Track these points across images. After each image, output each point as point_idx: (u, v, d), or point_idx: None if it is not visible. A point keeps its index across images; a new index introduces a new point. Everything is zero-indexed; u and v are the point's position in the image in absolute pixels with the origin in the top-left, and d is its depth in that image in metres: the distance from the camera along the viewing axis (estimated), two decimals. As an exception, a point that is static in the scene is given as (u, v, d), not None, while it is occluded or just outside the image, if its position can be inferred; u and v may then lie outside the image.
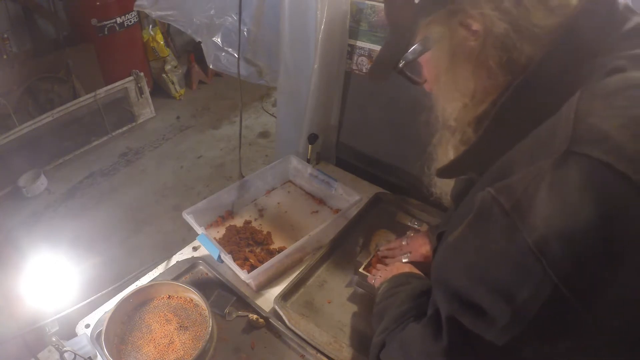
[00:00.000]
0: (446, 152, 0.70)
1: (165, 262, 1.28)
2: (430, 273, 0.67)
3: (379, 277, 1.04)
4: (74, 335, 1.07)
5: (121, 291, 1.15)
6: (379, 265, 1.11)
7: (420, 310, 0.79)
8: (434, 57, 0.66)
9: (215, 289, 1.18)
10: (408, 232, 1.23)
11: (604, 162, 0.45)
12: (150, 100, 3.69)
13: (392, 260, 1.15)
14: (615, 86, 0.51)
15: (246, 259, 1.25)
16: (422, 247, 1.13)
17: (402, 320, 0.79)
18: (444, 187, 0.79)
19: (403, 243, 1.18)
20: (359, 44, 1.50)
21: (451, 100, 0.65)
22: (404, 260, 1.12)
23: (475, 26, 0.58)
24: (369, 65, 0.77)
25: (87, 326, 1.09)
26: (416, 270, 1.01)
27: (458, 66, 0.62)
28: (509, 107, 0.59)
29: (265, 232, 1.39)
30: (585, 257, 0.45)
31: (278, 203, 1.53)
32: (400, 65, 0.71)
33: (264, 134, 3.60)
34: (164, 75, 3.92)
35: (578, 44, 0.56)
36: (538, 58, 0.57)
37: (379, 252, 1.20)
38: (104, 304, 1.13)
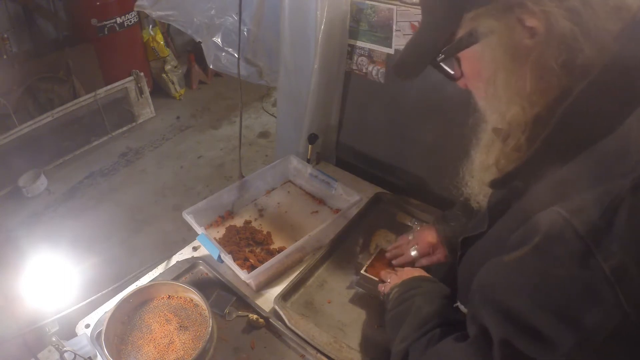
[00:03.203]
0: (490, 155, 0.65)
1: (165, 262, 1.28)
2: (472, 292, 0.64)
3: (388, 282, 1.03)
4: (74, 335, 1.07)
5: (121, 291, 1.15)
6: (384, 272, 1.10)
7: (442, 317, 0.77)
8: (480, 53, 0.61)
9: (215, 289, 1.18)
10: (414, 227, 1.23)
11: None
12: (150, 100, 3.70)
13: (401, 259, 1.15)
14: None
15: (246, 259, 1.25)
16: (427, 236, 1.13)
17: (425, 330, 0.77)
18: (477, 189, 0.74)
19: (410, 238, 1.18)
20: (359, 44, 1.50)
21: (504, 102, 0.60)
22: (412, 253, 1.12)
23: (532, 23, 0.54)
24: (395, 60, 0.70)
25: (87, 326, 1.09)
26: (426, 274, 0.99)
27: (513, 65, 0.57)
28: (572, 115, 0.55)
29: (265, 232, 1.39)
30: None
31: (278, 203, 1.53)
32: (440, 58, 0.65)
33: (264, 134, 3.60)
34: (164, 75, 3.93)
35: None
36: (603, 62, 0.53)
37: (387, 255, 1.19)
38: (104, 304, 1.13)
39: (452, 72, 0.69)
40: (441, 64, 0.67)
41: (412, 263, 1.13)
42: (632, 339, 0.48)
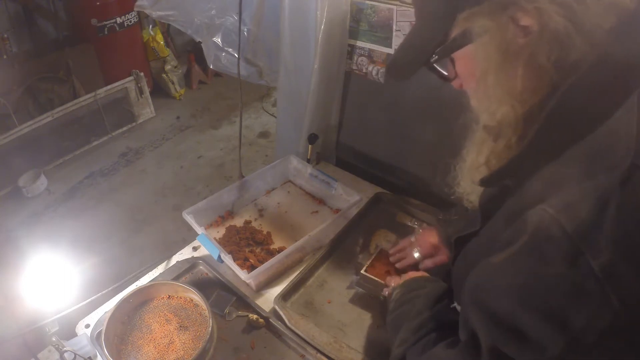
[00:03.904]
0: (481, 154, 0.65)
1: (165, 262, 1.28)
2: (463, 294, 0.63)
3: (392, 284, 1.03)
4: (74, 335, 1.07)
5: (121, 291, 1.15)
6: (389, 278, 1.09)
7: (439, 320, 0.76)
8: (474, 52, 0.60)
9: (215, 289, 1.18)
10: (416, 229, 1.22)
11: None
12: (150, 100, 3.69)
13: (404, 262, 1.14)
14: None
15: (246, 259, 1.25)
16: (430, 238, 1.12)
17: (421, 334, 0.77)
18: (468, 188, 0.73)
19: (412, 240, 1.17)
20: (359, 44, 1.50)
21: (495, 101, 0.60)
22: (415, 255, 1.11)
23: (526, 21, 0.53)
24: (389, 61, 0.68)
25: (87, 326, 1.09)
26: (429, 276, 0.99)
27: (505, 64, 0.57)
28: (561, 111, 0.55)
29: (265, 232, 1.39)
30: None
31: (278, 203, 1.53)
32: (433, 59, 0.64)
33: (264, 134, 3.60)
34: (164, 75, 3.93)
35: (633, 46, 0.52)
36: (592, 58, 0.52)
37: (391, 259, 1.18)
38: (104, 304, 1.13)
39: (446, 74, 0.68)
40: (435, 65, 0.66)
41: (415, 265, 1.12)
42: (623, 339, 0.47)
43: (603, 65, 0.52)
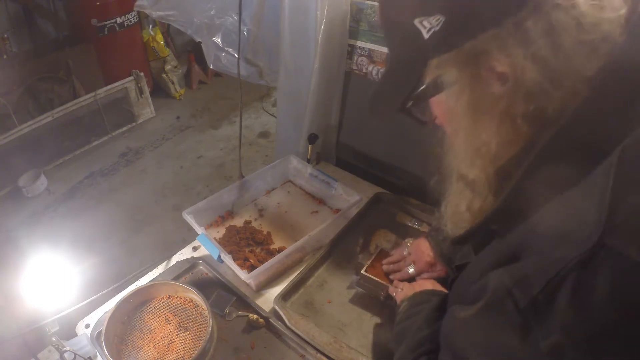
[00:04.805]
0: (460, 204, 0.63)
1: (165, 262, 1.28)
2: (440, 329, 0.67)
3: (400, 290, 1.02)
4: (74, 335, 1.07)
5: (121, 291, 1.15)
6: (397, 281, 1.08)
7: (435, 341, 0.76)
8: (447, 101, 0.57)
9: (215, 289, 1.18)
10: (405, 241, 1.21)
11: None
12: (150, 100, 3.70)
13: (398, 275, 1.12)
14: None
15: (246, 259, 1.25)
16: (424, 254, 1.11)
17: (418, 354, 0.77)
18: (454, 231, 0.68)
19: (405, 254, 1.16)
20: (359, 44, 1.50)
21: (467, 160, 0.57)
22: (410, 271, 1.10)
23: (501, 68, 0.49)
24: (369, 99, 0.66)
25: (87, 326, 1.09)
26: (439, 286, 0.98)
27: (477, 123, 0.54)
28: (537, 168, 0.51)
29: (265, 232, 1.39)
30: None
31: (278, 203, 1.53)
32: (408, 105, 0.61)
33: (264, 134, 3.60)
34: (164, 75, 3.93)
35: (620, 88, 0.47)
36: (573, 107, 0.48)
37: (384, 268, 1.17)
38: (104, 304, 1.13)
39: (422, 119, 0.66)
40: (412, 111, 0.63)
41: (411, 280, 1.10)
42: None
43: (586, 115, 0.48)
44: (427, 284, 0.99)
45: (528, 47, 0.47)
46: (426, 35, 0.52)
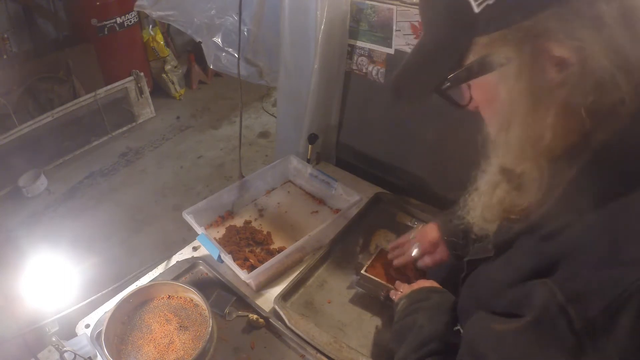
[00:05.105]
0: (494, 196, 0.58)
1: (165, 262, 1.28)
2: (462, 342, 0.62)
3: (399, 292, 1.01)
4: (74, 335, 1.07)
5: (121, 291, 1.15)
6: (398, 282, 1.07)
7: (441, 342, 0.74)
8: (494, 85, 0.52)
9: (215, 289, 1.18)
10: (415, 228, 1.21)
11: None
12: (150, 100, 3.70)
13: (402, 259, 1.12)
14: None
15: (246, 259, 1.25)
16: (429, 234, 1.08)
17: (423, 354, 0.75)
18: (479, 223, 0.64)
19: (410, 237, 1.14)
20: (359, 44, 1.50)
21: (517, 152, 0.52)
22: (414, 253, 1.08)
23: (561, 52, 0.44)
24: (393, 79, 0.60)
25: (87, 326, 1.09)
26: (437, 286, 0.97)
27: (533, 112, 0.48)
28: (596, 167, 0.47)
29: (265, 232, 1.39)
30: None
31: (278, 203, 1.53)
32: (445, 86, 0.55)
33: (264, 134, 3.60)
34: (164, 75, 3.93)
35: None
36: (635, 105, 0.43)
37: (388, 256, 1.17)
38: (104, 304, 1.13)
39: (459, 103, 0.60)
40: (447, 92, 0.57)
41: (413, 262, 1.11)
42: None
43: None
44: (426, 284, 0.99)
45: (600, 30, 0.41)
46: (477, 9, 0.47)
